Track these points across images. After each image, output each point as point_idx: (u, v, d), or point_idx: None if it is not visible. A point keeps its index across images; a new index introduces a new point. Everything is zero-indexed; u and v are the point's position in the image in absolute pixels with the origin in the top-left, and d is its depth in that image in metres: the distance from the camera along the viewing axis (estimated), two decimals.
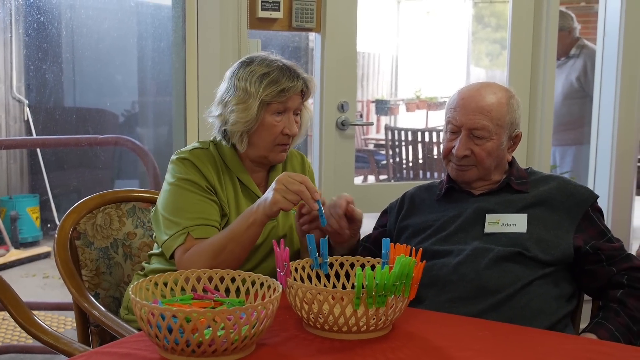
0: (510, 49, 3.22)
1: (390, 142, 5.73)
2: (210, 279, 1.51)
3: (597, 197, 1.84)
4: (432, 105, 8.28)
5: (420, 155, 5.58)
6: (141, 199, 2.13)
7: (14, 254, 4.98)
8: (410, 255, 1.49)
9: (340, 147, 3.00)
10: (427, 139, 5.59)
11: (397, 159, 5.74)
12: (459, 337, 1.46)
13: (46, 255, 5.14)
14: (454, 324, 1.55)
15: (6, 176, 5.51)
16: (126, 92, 5.68)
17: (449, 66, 8.57)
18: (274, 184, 1.64)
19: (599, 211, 1.84)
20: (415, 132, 5.66)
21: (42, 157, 5.34)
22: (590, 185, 3.47)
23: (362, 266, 1.61)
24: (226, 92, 1.83)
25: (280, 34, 4.24)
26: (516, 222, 1.77)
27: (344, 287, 1.63)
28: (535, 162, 3.23)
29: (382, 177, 6.33)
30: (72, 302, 1.93)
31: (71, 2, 5.05)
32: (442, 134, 1.93)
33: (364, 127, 6.90)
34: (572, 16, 4.25)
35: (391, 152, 5.77)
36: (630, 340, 1.68)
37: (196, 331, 1.26)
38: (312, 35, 3.14)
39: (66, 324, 3.84)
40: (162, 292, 1.47)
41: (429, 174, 5.51)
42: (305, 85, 1.82)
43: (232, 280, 1.52)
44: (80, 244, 1.99)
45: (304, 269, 1.59)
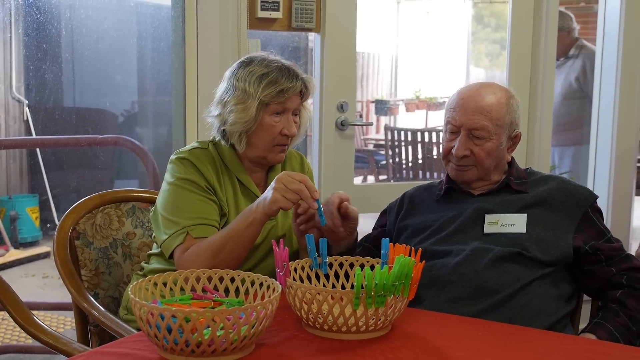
0: (509, 49, 3.22)
1: (389, 142, 5.73)
2: (209, 279, 1.51)
3: (597, 197, 1.84)
4: (432, 105, 8.28)
5: (419, 155, 5.57)
6: (141, 199, 2.13)
7: (14, 254, 4.98)
8: (409, 255, 1.49)
9: (339, 147, 3.00)
10: (426, 139, 5.59)
11: (397, 159, 5.74)
12: (459, 337, 1.46)
13: (45, 255, 5.14)
14: (454, 324, 1.55)
15: (6, 176, 5.51)
16: (126, 92, 5.68)
17: (449, 66, 8.57)
18: (273, 183, 1.64)
19: (599, 211, 1.84)
20: (414, 132, 5.66)
21: (42, 157, 5.34)
22: (589, 185, 3.47)
23: (361, 266, 1.61)
24: (225, 92, 1.83)
25: (279, 34, 4.25)
26: (515, 223, 1.77)
27: (343, 287, 1.63)
28: (534, 162, 3.23)
29: (381, 177, 6.33)
30: (72, 302, 1.93)
31: (71, 2, 5.04)
32: (441, 134, 1.93)
33: (363, 127, 6.90)
34: (571, 16, 4.25)
35: (391, 152, 5.76)
36: (629, 340, 1.68)
37: (195, 331, 1.26)
38: (311, 35, 3.14)
39: (65, 324, 3.84)
40: (162, 292, 1.47)
41: (428, 174, 5.50)
42: (304, 85, 1.82)
43: (232, 280, 1.52)
44: (79, 244, 1.99)
45: (303, 269, 1.59)
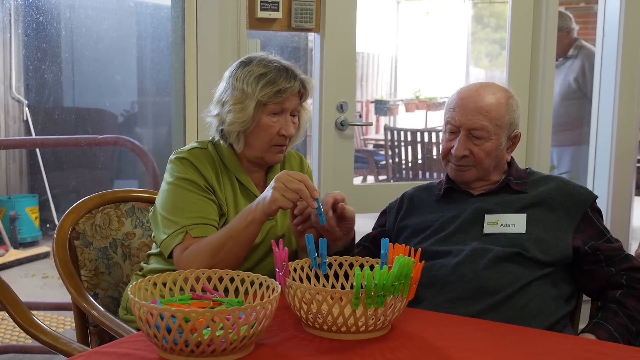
0: (509, 49, 3.22)
1: (389, 143, 5.73)
2: (209, 279, 1.51)
3: (596, 197, 1.84)
4: (432, 105, 8.28)
5: (419, 155, 5.57)
6: (140, 199, 2.13)
7: (13, 254, 4.98)
8: (409, 255, 1.49)
9: (339, 148, 3.00)
10: (426, 140, 5.59)
11: (397, 159, 5.74)
12: (458, 338, 1.46)
13: (45, 255, 5.14)
14: (453, 324, 1.55)
15: (5, 176, 5.51)
16: (125, 92, 5.68)
17: (449, 66, 8.57)
18: (273, 182, 1.64)
19: (598, 211, 1.84)
20: (414, 132, 5.66)
21: (42, 157, 5.34)
22: (589, 185, 3.47)
23: (361, 266, 1.61)
24: (224, 91, 1.83)
25: (279, 34, 4.25)
26: (515, 223, 1.77)
27: (343, 288, 1.63)
28: (534, 162, 3.23)
29: (381, 178, 6.33)
30: (71, 302, 1.92)
31: (70, 2, 5.04)
32: (441, 134, 1.93)
33: (363, 127, 6.90)
34: (571, 17, 4.25)
35: (390, 153, 5.76)
36: (629, 340, 1.68)
37: (195, 331, 1.26)
38: (311, 35, 3.14)
39: (65, 324, 3.84)
40: (161, 292, 1.47)
41: (428, 175, 5.50)
42: (302, 86, 1.82)
43: (231, 280, 1.52)
44: (79, 244, 1.99)
45: (302, 269, 1.59)
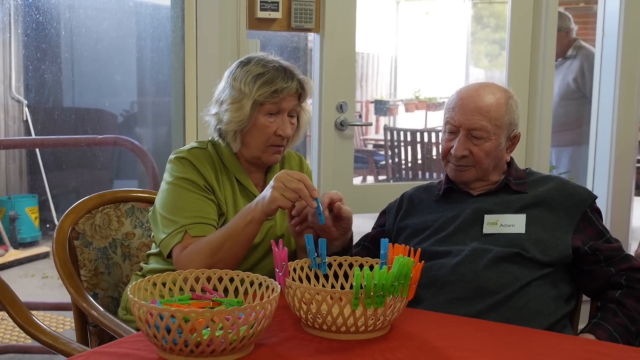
0: (509, 49, 3.22)
1: (389, 143, 5.73)
2: (208, 279, 1.51)
3: (596, 197, 1.84)
4: (431, 105, 8.27)
5: (419, 155, 5.57)
6: (140, 199, 2.13)
7: (13, 254, 4.98)
8: (408, 255, 1.49)
9: (339, 148, 3.00)
10: (426, 140, 5.59)
11: (396, 160, 5.74)
12: (458, 338, 1.46)
13: (45, 255, 5.14)
14: (453, 324, 1.55)
15: (5, 176, 5.51)
16: (125, 92, 5.68)
17: (448, 67, 8.58)
18: (272, 182, 1.63)
19: (598, 212, 1.84)
20: (414, 132, 5.66)
21: (41, 157, 5.34)
22: (589, 185, 3.47)
23: (360, 266, 1.61)
24: (222, 91, 1.84)
25: (279, 34, 4.25)
26: (515, 223, 1.77)
27: (342, 288, 1.63)
28: (534, 162, 3.23)
29: (381, 178, 6.33)
30: (71, 302, 1.92)
31: (70, 2, 5.05)
32: (440, 134, 1.93)
33: (362, 127, 6.90)
34: (569, 17, 4.25)
35: (390, 153, 5.77)
36: (628, 340, 1.68)
37: (194, 331, 1.26)
38: (311, 35, 3.14)
39: (65, 324, 3.84)
40: (161, 293, 1.47)
41: (427, 175, 5.50)
42: (300, 86, 1.81)
43: (231, 280, 1.52)
44: (78, 244, 1.99)
45: (302, 269, 1.59)
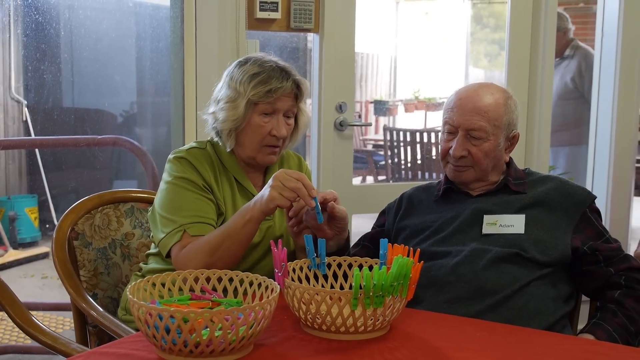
0: (508, 49, 3.23)
1: (388, 143, 5.73)
2: (208, 280, 1.51)
3: (595, 197, 1.84)
4: (431, 105, 8.28)
5: (418, 155, 5.58)
6: (139, 200, 2.13)
7: (13, 255, 4.98)
8: (408, 255, 1.49)
9: (338, 148, 3.00)
10: (425, 140, 5.59)
11: (396, 160, 5.74)
12: (457, 338, 1.46)
13: (44, 255, 5.14)
14: (452, 324, 1.55)
15: (5, 176, 5.50)
16: (124, 92, 5.67)
17: (448, 67, 8.59)
18: (270, 181, 1.64)
19: (597, 212, 1.84)
20: (413, 132, 5.66)
21: (41, 158, 5.34)
22: (588, 185, 3.48)
23: (360, 267, 1.61)
24: (220, 90, 1.85)
25: (278, 34, 4.25)
26: (514, 223, 1.77)
27: (342, 288, 1.63)
28: (533, 162, 3.23)
29: (380, 178, 6.33)
30: (70, 302, 1.92)
31: (69, 2, 5.04)
32: (440, 134, 1.93)
33: (362, 127, 6.91)
34: (567, 17, 4.26)
35: (389, 153, 5.77)
36: (627, 340, 1.68)
37: (194, 332, 1.26)
38: (310, 35, 3.13)
39: (64, 325, 3.84)
40: (160, 293, 1.47)
41: (427, 175, 5.51)
42: (296, 86, 1.81)
43: (230, 280, 1.52)
44: (78, 244, 1.99)
45: (302, 269, 1.59)
